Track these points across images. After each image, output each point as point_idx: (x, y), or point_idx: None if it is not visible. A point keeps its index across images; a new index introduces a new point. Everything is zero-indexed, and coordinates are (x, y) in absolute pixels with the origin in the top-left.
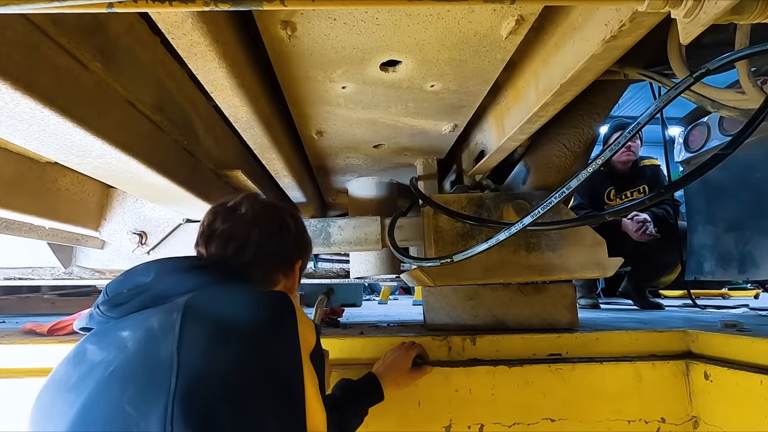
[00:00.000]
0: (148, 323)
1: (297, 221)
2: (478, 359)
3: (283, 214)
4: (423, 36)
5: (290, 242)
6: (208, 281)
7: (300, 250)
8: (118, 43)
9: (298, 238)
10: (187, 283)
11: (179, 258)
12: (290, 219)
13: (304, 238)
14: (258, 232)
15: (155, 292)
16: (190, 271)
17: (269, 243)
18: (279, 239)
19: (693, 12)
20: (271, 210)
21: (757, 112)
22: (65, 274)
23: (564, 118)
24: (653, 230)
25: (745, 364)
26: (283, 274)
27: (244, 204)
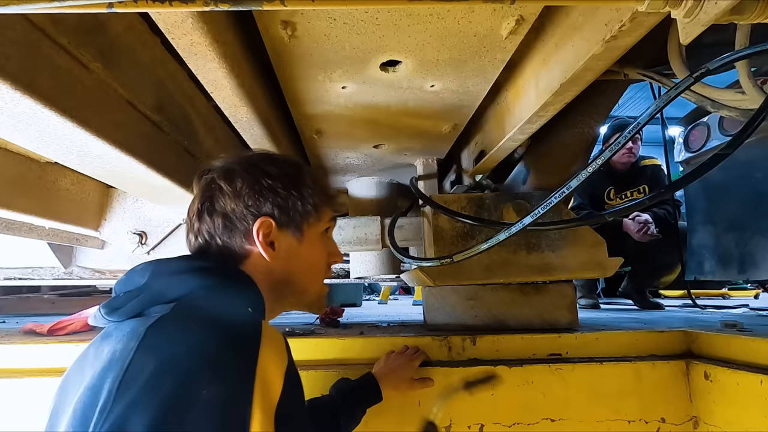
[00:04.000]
0: (115, 346)
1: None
2: (478, 359)
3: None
4: (423, 36)
5: (224, 201)
6: (199, 286)
7: (259, 199)
8: (118, 43)
9: (247, 187)
10: (180, 286)
11: (175, 259)
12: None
13: (262, 182)
14: (194, 210)
15: (150, 295)
16: (183, 274)
17: (204, 217)
18: (209, 208)
19: (693, 12)
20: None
21: (757, 112)
22: (65, 274)
23: (564, 118)
24: (655, 231)
25: (745, 364)
26: (247, 242)
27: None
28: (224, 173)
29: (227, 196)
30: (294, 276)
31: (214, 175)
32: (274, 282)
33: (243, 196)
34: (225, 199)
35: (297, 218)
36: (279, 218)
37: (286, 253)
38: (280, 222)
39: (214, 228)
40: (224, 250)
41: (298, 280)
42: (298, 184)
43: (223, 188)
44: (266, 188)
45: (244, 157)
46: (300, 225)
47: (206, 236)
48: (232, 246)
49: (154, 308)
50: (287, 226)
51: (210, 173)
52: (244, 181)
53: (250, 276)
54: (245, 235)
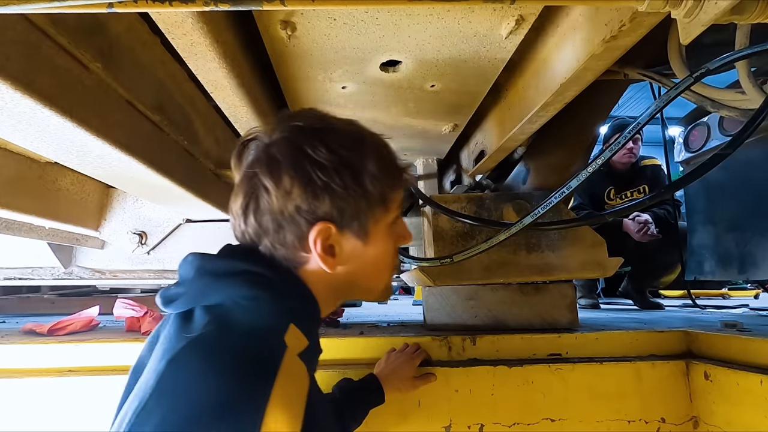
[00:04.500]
0: (157, 353)
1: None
2: (478, 359)
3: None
4: (423, 36)
5: (270, 202)
6: (239, 296)
7: (313, 202)
8: (118, 43)
9: (308, 182)
10: (221, 292)
11: (223, 257)
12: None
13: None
14: (237, 208)
15: (194, 294)
16: (227, 277)
17: (252, 213)
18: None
19: (693, 12)
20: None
21: (757, 112)
22: (65, 274)
23: (564, 118)
24: (655, 231)
25: (745, 364)
26: (302, 249)
27: (232, 157)
28: (268, 167)
29: (274, 197)
30: (359, 279)
31: (257, 169)
32: (335, 287)
33: (294, 198)
34: (272, 199)
35: (361, 217)
36: (339, 220)
37: (348, 257)
38: (341, 224)
39: (263, 231)
40: (276, 253)
41: (364, 282)
42: (359, 174)
43: (269, 188)
44: (321, 187)
45: (288, 139)
46: (365, 224)
47: (254, 237)
48: (284, 251)
49: (197, 313)
50: (349, 227)
51: (252, 165)
52: (293, 179)
53: (305, 283)
54: (299, 241)
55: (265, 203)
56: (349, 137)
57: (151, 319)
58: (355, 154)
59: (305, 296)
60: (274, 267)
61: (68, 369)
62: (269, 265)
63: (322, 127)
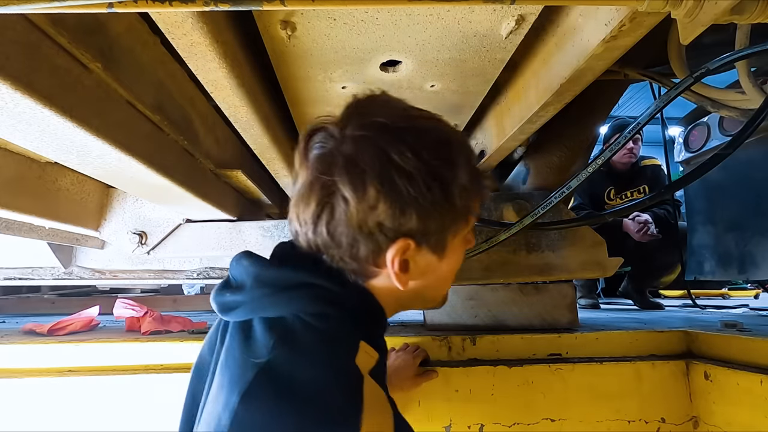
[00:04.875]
0: (227, 366)
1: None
2: (478, 359)
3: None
4: (423, 36)
5: (349, 214)
6: (303, 311)
7: (399, 219)
8: (118, 43)
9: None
10: (282, 307)
11: (282, 266)
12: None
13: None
14: (301, 211)
15: (252, 305)
16: (288, 291)
17: (323, 225)
18: (330, 216)
19: (693, 12)
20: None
21: (757, 112)
22: (65, 274)
23: (564, 118)
24: (655, 231)
25: (745, 364)
26: (374, 264)
27: (298, 149)
28: (350, 175)
29: (354, 210)
30: (425, 291)
31: (336, 177)
32: (400, 300)
33: (378, 214)
34: (351, 212)
35: (443, 233)
36: (420, 237)
37: (422, 272)
38: (421, 241)
39: (333, 243)
40: (342, 265)
41: (429, 294)
42: (449, 186)
43: (349, 200)
44: (408, 202)
45: (370, 140)
46: (444, 239)
47: (321, 247)
48: (354, 265)
49: (257, 328)
50: (428, 243)
51: (328, 169)
52: (379, 193)
53: (373, 296)
54: (374, 256)
55: (342, 215)
56: (436, 140)
57: (151, 319)
58: (444, 162)
59: (375, 310)
60: (342, 280)
61: (68, 369)
62: (337, 279)
63: (406, 126)
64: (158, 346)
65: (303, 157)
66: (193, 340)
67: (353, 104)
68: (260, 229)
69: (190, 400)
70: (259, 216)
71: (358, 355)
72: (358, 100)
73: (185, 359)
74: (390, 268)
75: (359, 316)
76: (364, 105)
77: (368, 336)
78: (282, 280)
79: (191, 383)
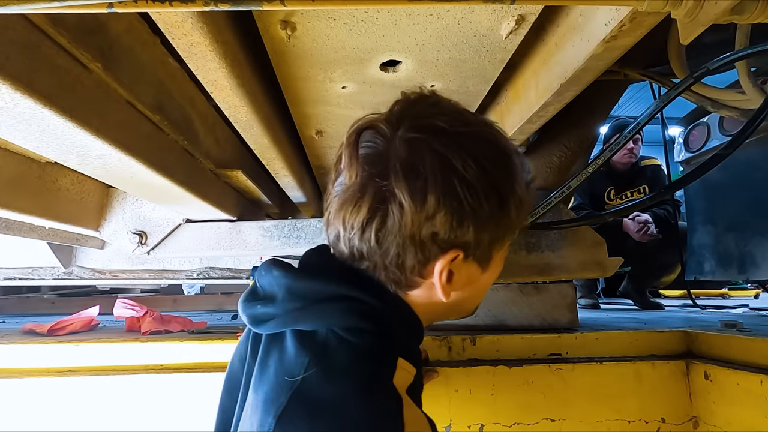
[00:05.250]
0: (261, 384)
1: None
2: (478, 359)
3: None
4: (423, 36)
5: (403, 222)
6: (339, 326)
7: (456, 231)
8: (118, 43)
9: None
10: (316, 321)
11: (315, 277)
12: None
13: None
14: (349, 215)
15: (285, 318)
16: (323, 303)
17: (363, 234)
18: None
19: (693, 12)
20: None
21: (757, 112)
22: (65, 274)
23: (564, 118)
24: (654, 231)
25: (745, 364)
26: (418, 275)
27: (345, 148)
28: (408, 181)
29: (410, 219)
30: (464, 302)
31: (393, 184)
32: (436, 311)
33: (435, 225)
34: (405, 221)
35: (493, 246)
36: (470, 250)
37: (463, 284)
38: (469, 253)
39: (379, 251)
40: (381, 274)
41: (466, 305)
42: (506, 199)
43: (405, 208)
44: (467, 214)
45: (428, 144)
46: (491, 253)
47: (363, 254)
48: (396, 274)
49: (290, 343)
50: (475, 255)
51: (383, 173)
52: (439, 203)
53: (410, 307)
54: (421, 267)
55: (395, 223)
56: (496, 149)
57: (151, 319)
58: (503, 173)
59: (413, 322)
60: (377, 292)
61: (68, 369)
62: (372, 291)
63: (465, 132)
64: (158, 346)
65: (352, 157)
66: (193, 340)
67: (404, 102)
68: (260, 229)
69: (221, 415)
70: (259, 216)
71: (396, 374)
72: (407, 97)
73: (185, 359)
74: (437, 280)
75: (397, 330)
76: (414, 104)
77: (406, 350)
78: (315, 292)
79: (222, 397)
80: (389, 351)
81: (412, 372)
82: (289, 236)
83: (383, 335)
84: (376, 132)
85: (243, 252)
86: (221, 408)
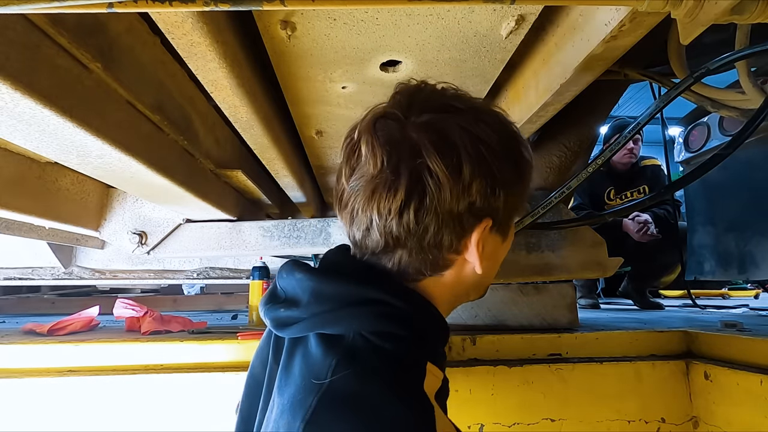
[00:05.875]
0: (287, 386)
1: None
2: (478, 359)
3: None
4: (423, 36)
5: (441, 197)
6: (367, 330)
7: (490, 198)
8: (118, 43)
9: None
10: (342, 324)
11: (342, 280)
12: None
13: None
14: (384, 201)
15: (311, 321)
16: (350, 308)
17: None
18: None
19: (693, 12)
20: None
21: (757, 112)
22: (65, 274)
23: (564, 118)
24: (654, 231)
25: (745, 364)
26: (453, 251)
27: (363, 139)
28: (441, 155)
29: (448, 192)
30: (484, 278)
31: (427, 161)
32: (458, 294)
33: (472, 194)
34: (444, 195)
35: (512, 214)
36: (497, 218)
37: (488, 255)
38: (496, 222)
39: (418, 234)
40: (415, 260)
41: (485, 281)
42: (521, 163)
43: (442, 181)
44: (498, 180)
45: (453, 119)
46: (510, 221)
47: (400, 241)
48: (433, 255)
49: (314, 344)
50: (499, 225)
51: (415, 154)
52: (474, 171)
53: (432, 299)
54: (456, 241)
55: (433, 199)
56: (500, 120)
57: (151, 319)
58: (514, 139)
59: (439, 323)
60: (407, 295)
61: (68, 369)
62: (402, 294)
63: (477, 107)
64: (158, 346)
65: (374, 145)
66: (193, 340)
67: (405, 92)
68: (260, 229)
69: (242, 418)
70: (259, 216)
71: (426, 380)
72: (407, 87)
73: (185, 359)
74: (473, 250)
75: (425, 333)
76: (417, 92)
77: (433, 354)
78: (343, 296)
79: (243, 401)
80: (419, 355)
81: (439, 377)
82: (289, 236)
83: (412, 339)
84: (391, 119)
85: (243, 252)
86: (242, 411)
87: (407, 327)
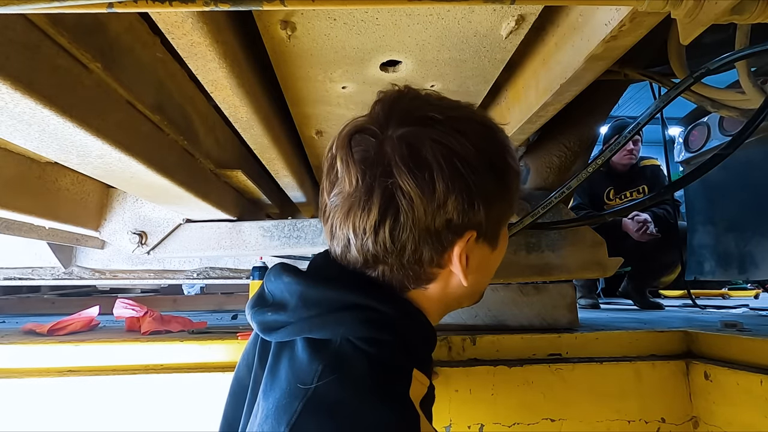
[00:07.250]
0: (272, 390)
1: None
2: (478, 359)
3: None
4: (423, 36)
5: (415, 215)
6: (354, 336)
7: (468, 212)
8: (118, 43)
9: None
10: (329, 329)
11: (330, 285)
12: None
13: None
14: (359, 220)
15: (298, 326)
16: (337, 313)
17: (374, 234)
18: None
19: (693, 12)
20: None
21: (757, 112)
22: (65, 274)
23: (564, 118)
24: (654, 230)
25: (745, 364)
26: (436, 265)
27: (338, 156)
28: (412, 173)
29: (422, 211)
30: (475, 286)
31: (399, 180)
32: (447, 304)
33: (448, 211)
34: (417, 213)
35: (499, 223)
36: (482, 229)
37: (477, 265)
38: (481, 233)
39: (394, 250)
40: (393, 276)
41: (477, 289)
42: (504, 173)
43: (415, 200)
44: (475, 194)
45: (426, 133)
46: (498, 230)
47: (378, 258)
48: (414, 271)
49: (300, 349)
50: (485, 234)
51: (386, 171)
52: (448, 189)
53: (422, 310)
54: (438, 257)
55: (408, 218)
56: (483, 127)
57: (151, 319)
58: (497, 148)
59: (426, 330)
60: (395, 301)
61: (68, 369)
62: (390, 300)
63: (456, 116)
64: (158, 346)
65: (349, 162)
66: (193, 341)
67: (385, 101)
68: (260, 229)
69: (225, 421)
70: (259, 216)
71: (412, 387)
72: (387, 96)
73: (185, 359)
74: (456, 264)
75: (412, 340)
76: (396, 101)
77: (420, 361)
78: (331, 301)
79: (228, 404)
80: (405, 362)
81: (425, 384)
82: (289, 236)
83: (399, 345)
84: (366, 134)
85: (243, 252)
86: (225, 414)
87: (394, 333)
